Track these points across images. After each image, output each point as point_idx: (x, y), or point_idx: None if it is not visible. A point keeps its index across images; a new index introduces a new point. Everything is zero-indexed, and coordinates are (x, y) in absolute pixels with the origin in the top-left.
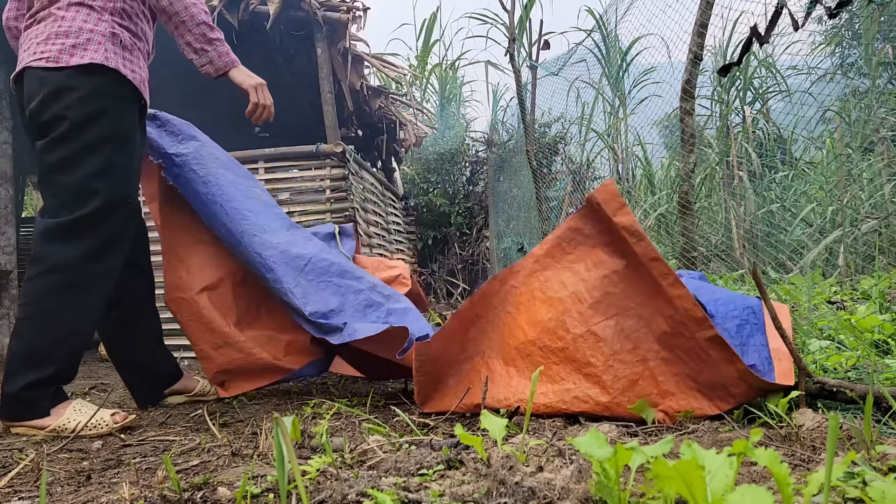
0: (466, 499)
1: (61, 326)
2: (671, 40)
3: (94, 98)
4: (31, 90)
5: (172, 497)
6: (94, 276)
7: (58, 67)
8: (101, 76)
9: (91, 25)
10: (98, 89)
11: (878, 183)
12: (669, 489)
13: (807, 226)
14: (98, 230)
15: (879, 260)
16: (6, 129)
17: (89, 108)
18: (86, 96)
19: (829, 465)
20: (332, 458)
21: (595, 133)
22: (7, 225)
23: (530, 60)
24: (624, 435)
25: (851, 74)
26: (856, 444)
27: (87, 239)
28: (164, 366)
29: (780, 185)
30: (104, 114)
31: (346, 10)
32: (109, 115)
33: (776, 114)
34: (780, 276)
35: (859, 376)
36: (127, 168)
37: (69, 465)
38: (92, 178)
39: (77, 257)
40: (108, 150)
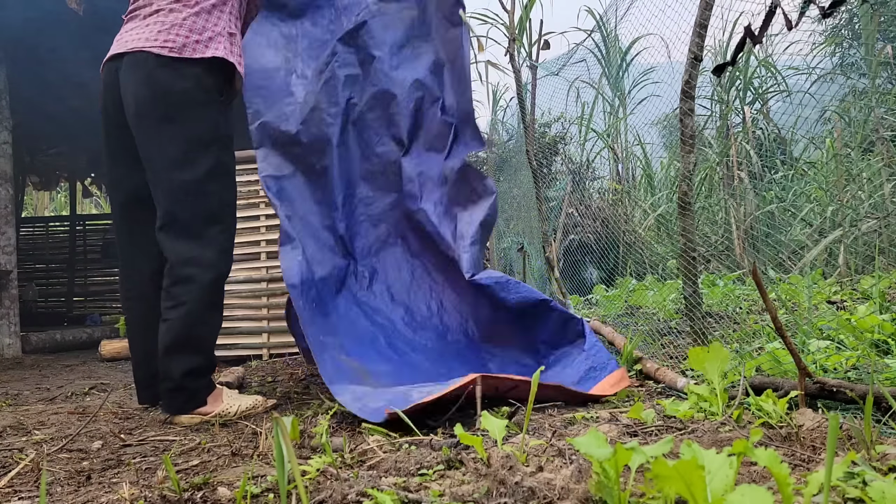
0: (466, 499)
1: (215, 321)
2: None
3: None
4: (138, 76)
5: (172, 497)
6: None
7: (181, 58)
8: (221, 73)
9: (212, 24)
10: (212, 86)
11: (878, 183)
12: (669, 489)
13: (807, 226)
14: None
15: (879, 260)
16: (6, 129)
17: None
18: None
19: (829, 465)
20: (332, 458)
21: (595, 133)
22: (7, 225)
23: (530, 60)
24: (624, 435)
25: (851, 74)
26: (856, 444)
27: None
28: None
29: (780, 185)
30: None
31: None
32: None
33: (776, 114)
34: (780, 276)
35: (859, 376)
36: (230, 167)
37: (69, 465)
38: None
39: (216, 257)
40: (215, 150)
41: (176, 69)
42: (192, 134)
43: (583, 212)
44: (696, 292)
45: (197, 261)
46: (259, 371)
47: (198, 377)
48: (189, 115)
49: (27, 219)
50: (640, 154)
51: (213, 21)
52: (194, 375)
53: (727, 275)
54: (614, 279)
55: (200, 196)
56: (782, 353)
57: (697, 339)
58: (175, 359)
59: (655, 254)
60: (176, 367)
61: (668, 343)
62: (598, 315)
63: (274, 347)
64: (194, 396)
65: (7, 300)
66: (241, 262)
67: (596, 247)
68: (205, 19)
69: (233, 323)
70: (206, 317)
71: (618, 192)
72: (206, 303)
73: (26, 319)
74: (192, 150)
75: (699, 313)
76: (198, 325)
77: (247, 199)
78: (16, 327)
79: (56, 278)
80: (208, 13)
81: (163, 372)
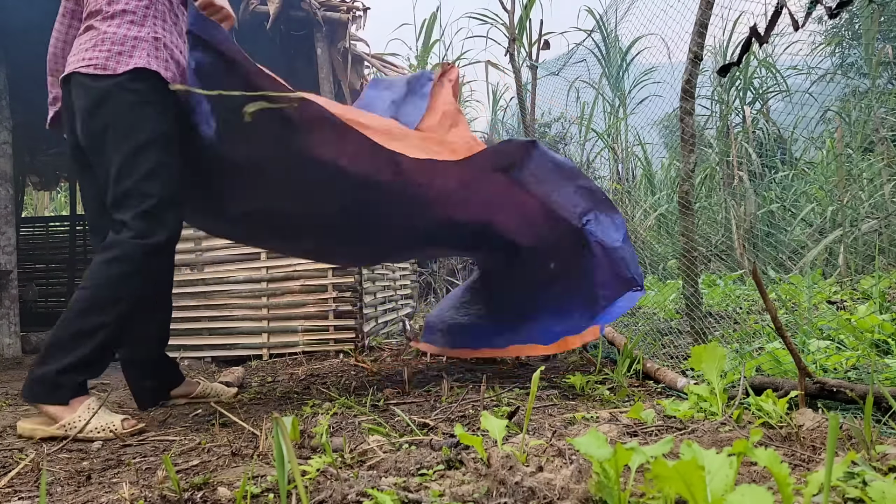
0: (466, 499)
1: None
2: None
3: (139, 104)
4: (78, 95)
5: (172, 497)
6: (154, 272)
7: (105, 75)
8: (144, 81)
9: (135, 33)
10: (141, 96)
11: (878, 183)
12: (669, 489)
13: (807, 226)
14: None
15: (879, 260)
16: (6, 129)
17: (134, 114)
18: (131, 102)
19: (829, 465)
20: (332, 458)
21: (595, 133)
22: (7, 225)
23: (530, 60)
24: (624, 435)
25: (851, 74)
26: (856, 444)
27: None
28: (166, 368)
29: (780, 185)
30: (147, 118)
31: (346, 10)
32: (151, 120)
33: (776, 114)
34: (781, 276)
35: (859, 376)
36: (173, 168)
37: (69, 465)
38: (144, 182)
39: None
40: (153, 152)
41: (103, 86)
42: (129, 142)
43: None
44: (696, 292)
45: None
46: (259, 371)
47: (70, 373)
48: (121, 124)
49: (27, 219)
50: (641, 154)
51: (136, 29)
52: (68, 371)
53: (727, 275)
54: None
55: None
56: (782, 353)
57: (697, 339)
58: (58, 346)
59: (656, 254)
60: (54, 356)
61: (668, 343)
62: None
63: (274, 347)
64: (56, 391)
65: (7, 300)
66: (241, 263)
67: None
68: (126, 28)
69: (233, 323)
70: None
71: (618, 192)
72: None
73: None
74: (132, 156)
75: (699, 313)
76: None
77: None
78: (16, 327)
79: (56, 278)
80: (130, 22)
81: (40, 355)
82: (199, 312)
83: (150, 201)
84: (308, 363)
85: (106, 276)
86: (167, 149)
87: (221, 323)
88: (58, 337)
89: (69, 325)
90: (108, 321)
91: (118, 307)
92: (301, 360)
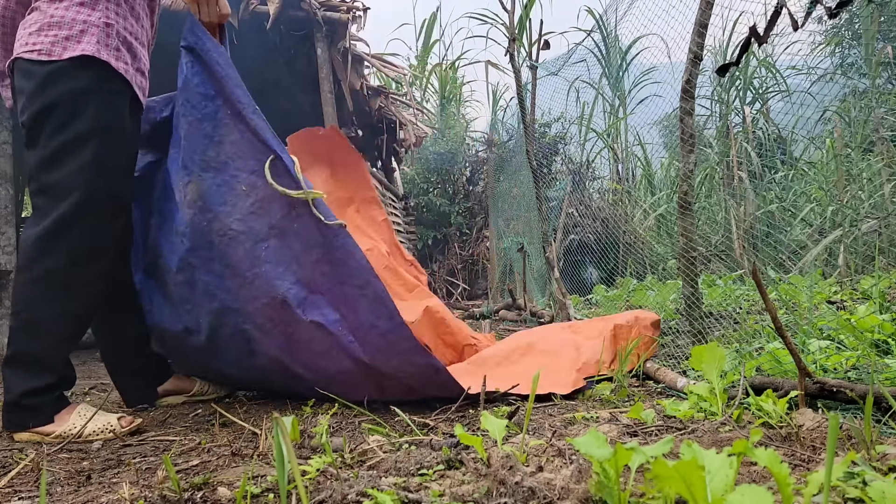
0: (466, 499)
1: (53, 334)
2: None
3: (82, 93)
4: (20, 83)
5: (172, 497)
6: (84, 280)
7: (49, 61)
8: (90, 69)
9: (83, 17)
10: (87, 84)
11: (878, 183)
12: (669, 489)
13: (807, 226)
14: (79, 231)
15: (879, 260)
16: (6, 129)
17: (75, 103)
18: (73, 91)
19: (829, 465)
20: (332, 458)
21: (595, 133)
22: (7, 225)
23: (530, 60)
24: (624, 435)
25: (851, 74)
26: (856, 444)
27: (70, 241)
28: (149, 365)
29: (780, 185)
30: (89, 108)
31: (346, 10)
32: (94, 108)
33: (776, 114)
34: (780, 276)
35: (859, 376)
36: (113, 164)
37: (69, 465)
38: (72, 176)
39: (63, 264)
40: (92, 145)
41: (46, 71)
42: (66, 132)
43: (583, 212)
44: (696, 292)
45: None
46: None
47: (41, 395)
48: (61, 112)
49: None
50: (640, 154)
51: (86, 12)
52: (36, 394)
53: (727, 275)
54: (614, 279)
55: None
56: (782, 353)
57: (697, 339)
58: (16, 374)
59: (655, 254)
60: (15, 384)
61: (668, 343)
62: (599, 315)
63: None
64: (36, 414)
65: (7, 300)
66: None
67: (596, 247)
68: (76, 11)
69: None
70: (46, 329)
71: (618, 192)
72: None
73: None
74: (65, 147)
75: (699, 313)
76: (38, 340)
77: None
78: None
79: None
80: (80, 4)
81: (5, 385)
82: None
83: (73, 198)
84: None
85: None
86: (109, 143)
87: None
88: (14, 366)
89: (21, 353)
90: (48, 343)
91: (56, 326)
92: None
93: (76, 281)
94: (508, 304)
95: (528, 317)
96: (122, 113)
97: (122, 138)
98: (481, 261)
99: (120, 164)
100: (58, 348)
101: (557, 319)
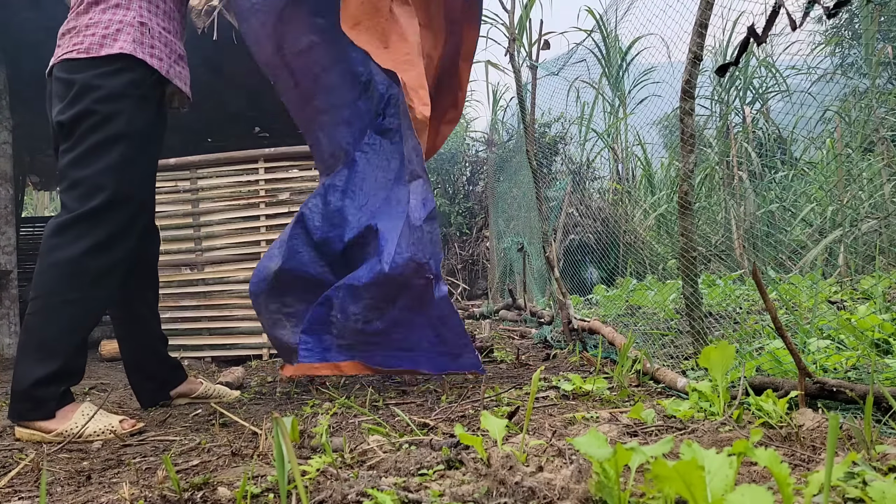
0: (466, 499)
1: (66, 321)
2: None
3: (117, 97)
4: (59, 84)
5: (172, 497)
6: (98, 271)
7: (89, 58)
8: (128, 69)
9: (119, 17)
10: (123, 88)
11: (878, 183)
12: (669, 489)
13: (807, 226)
14: (103, 225)
15: (879, 260)
16: (6, 129)
17: (109, 107)
18: (110, 94)
19: (829, 465)
20: (332, 458)
21: (595, 133)
22: (7, 225)
23: (530, 60)
24: (624, 435)
25: (851, 74)
26: (856, 444)
27: (91, 234)
28: (166, 368)
29: (780, 185)
30: (123, 111)
31: None
32: (128, 112)
33: (776, 114)
34: (780, 276)
35: (859, 376)
36: (140, 166)
37: (69, 465)
38: (102, 174)
39: (80, 252)
40: (122, 146)
41: (83, 69)
42: (98, 132)
43: (583, 212)
44: (696, 292)
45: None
46: (259, 371)
47: (48, 385)
48: (95, 112)
49: (27, 219)
50: (640, 154)
51: (121, 13)
52: (44, 384)
53: (727, 275)
54: (615, 279)
55: (92, 189)
56: (782, 353)
57: (697, 339)
58: (27, 362)
59: (655, 254)
60: (24, 372)
61: (668, 343)
62: (599, 315)
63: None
64: (40, 406)
65: (7, 300)
66: (241, 263)
67: (596, 247)
68: (112, 13)
69: (233, 323)
70: (59, 314)
71: (618, 192)
72: (59, 298)
73: None
74: (94, 149)
75: (699, 313)
76: (50, 324)
77: (247, 199)
78: (16, 327)
79: None
80: (115, 6)
81: (15, 374)
82: (199, 312)
83: (102, 195)
84: None
85: (55, 281)
86: (139, 146)
87: (221, 323)
88: (25, 351)
89: (33, 337)
90: (58, 329)
91: (70, 310)
92: None
93: (90, 271)
94: (508, 304)
95: (528, 317)
96: (153, 114)
97: (149, 142)
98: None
99: (146, 165)
100: (67, 334)
101: (557, 319)
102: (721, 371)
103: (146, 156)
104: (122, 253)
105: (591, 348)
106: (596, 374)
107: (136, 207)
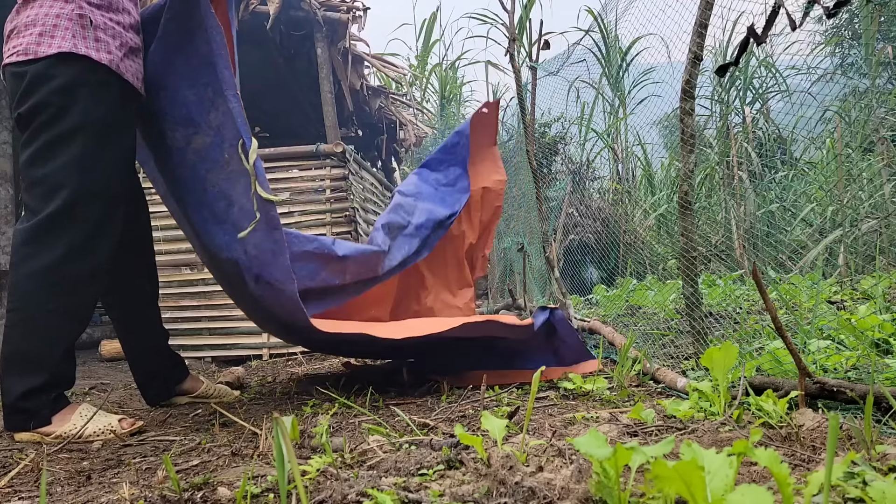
0: (466, 499)
1: (48, 332)
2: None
3: (68, 88)
4: (9, 87)
5: (172, 497)
6: (78, 276)
7: (27, 60)
8: (71, 65)
9: (56, 11)
10: (71, 79)
11: (878, 183)
12: (669, 489)
13: (807, 226)
14: (75, 227)
15: (879, 260)
16: (6, 128)
17: (60, 100)
18: (57, 88)
19: (829, 465)
20: (332, 458)
21: (595, 133)
22: (7, 225)
23: (530, 60)
24: (624, 435)
25: (851, 74)
26: (856, 444)
27: (63, 238)
28: (169, 364)
29: (780, 185)
30: (77, 103)
31: (346, 10)
32: (81, 104)
33: (776, 114)
34: (780, 276)
35: (859, 376)
36: (104, 160)
37: (69, 465)
38: (60, 171)
39: (56, 259)
40: (80, 140)
41: (29, 71)
42: (53, 128)
43: (583, 212)
44: (696, 292)
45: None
46: (259, 371)
47: (38, 396)
48: (47, 110)
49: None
50: (640, 154)
51: (59, 6)
52: (34, 395)
53: (727, 275)
54: (615, 279)
55: (51, 188)
56: (782, 353)
57: (697, 339)
58: (12, 376)
59: (655, 254)
60: (12, 385)
61: (668, 343)
62: (599, 315)
63: (274, 347)
64: (34, 416)
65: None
66: None
67: (596, 247)
68: (48, 7)
69: (233, 323)
70: (40, 326)
71: (618, 192)
72: (39, 310)
73: None
74: (52, 143)
75: (699, 313)
76: (32, 336)
77: None
78: None
79: None
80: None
81: (2, 387)
82: (199, 312)
83: (63, 193)
84: (308, 363)
85: (33, 292)
86: (99, 138)
87: (221, 323)
88: (9, 366)
89: (16, 352)
90: (40, 341)
91: (49, 323)
92: (301, 360)
93: (69, 278)
94: (508, 303)
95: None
96: (112, 104)
97: (112, 132)
98: None
99: (111, 158)
100: (51, 346)
101: None
102: (723, 371)
103: (111, 148)
104: (101, 254)
105: (591, 348)
106: (596, 374)
107: (107, 204)
